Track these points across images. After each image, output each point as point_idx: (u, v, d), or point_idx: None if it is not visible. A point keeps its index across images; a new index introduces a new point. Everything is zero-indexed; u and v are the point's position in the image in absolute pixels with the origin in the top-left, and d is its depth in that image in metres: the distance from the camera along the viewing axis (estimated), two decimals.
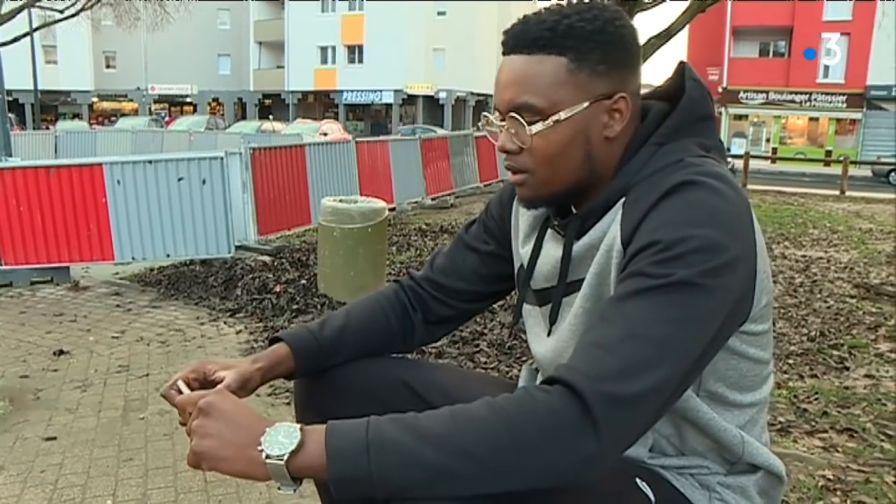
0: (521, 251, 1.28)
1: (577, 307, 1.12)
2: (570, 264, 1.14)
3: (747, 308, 1.02)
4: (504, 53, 1.11)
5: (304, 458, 0.89)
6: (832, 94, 33.97)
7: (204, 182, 5.82)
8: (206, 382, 1.17)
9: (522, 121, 1.06)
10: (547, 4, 1.13)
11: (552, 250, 1.19)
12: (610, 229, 1.06)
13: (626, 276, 0.97)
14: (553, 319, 1.19)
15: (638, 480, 1.07)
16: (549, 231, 1.21)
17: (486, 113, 1.18)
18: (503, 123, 1.09)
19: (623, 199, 1.06)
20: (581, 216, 1.12)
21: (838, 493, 2.38)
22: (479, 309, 1.44)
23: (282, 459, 0.89)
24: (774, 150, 33.75)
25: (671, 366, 0.92)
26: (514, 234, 1.31)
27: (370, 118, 45.75)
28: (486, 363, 3.70)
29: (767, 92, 34.94)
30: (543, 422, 0.88)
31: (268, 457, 0.89)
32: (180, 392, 1.13)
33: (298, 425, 0.92)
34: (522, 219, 1.28)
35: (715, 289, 0.94)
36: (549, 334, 1.21)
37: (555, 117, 1.05)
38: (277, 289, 5.16)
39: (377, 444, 0.88)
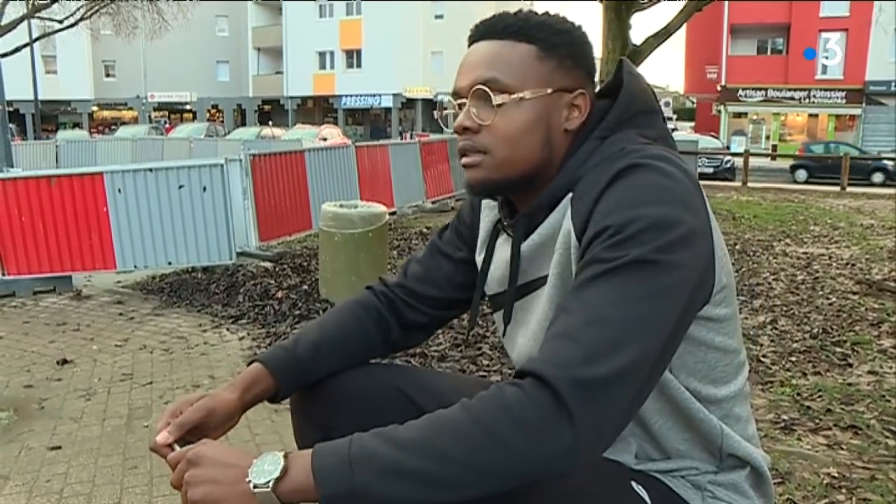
0: (478, 258, 1.28)
1: (546, 308, 1.10)
2: (521, 264, 1.14)
3: (710, 284, 1.02)
4: (472, 42, 1.14)
5: (290, 483, 0.90)
6: (831, 90, 33.94)
7: (204, 189, 5.83)
8: (193, 430, 1.16)
9: (490, 93, 1.07)
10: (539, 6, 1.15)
11: (504, 253, 1.19)
12: (562, 225, 1.06)
13: (583, 266, 0.97)
14: (507, 321, 1.19)
15: (633, 483, 1.07)
16: (501, 235, 1.21)
17: (441, 98, 1.19)
18: (463, 101, 1.10)
19: (570, 195, 1.06)
20: (528, 214, 1.13)
21: (843, 490, 2.38)
22: (452, 316, 1.43)
23: (268, 487, 0.90)
24: (774, 148, 33.68)
25: (640, 345, 0.90)
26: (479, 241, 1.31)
27: (369, 122, 45.82)
28: (488, 366, 3.70)
29: (766, 89, 34.91)
30: (515, 415, 0.87)
31: (255, 486, 0.90)
32: (172, 449, 1.13)
33: (283, 452, 0.93)
34: (482, 224, 1.28)
35: (673, 263, 0.93)
36: (504, 334, 1.21)
37: (520, 94, 1.07)
38: (279, 295, 5.16)
39: (359, 457, 0.88)
